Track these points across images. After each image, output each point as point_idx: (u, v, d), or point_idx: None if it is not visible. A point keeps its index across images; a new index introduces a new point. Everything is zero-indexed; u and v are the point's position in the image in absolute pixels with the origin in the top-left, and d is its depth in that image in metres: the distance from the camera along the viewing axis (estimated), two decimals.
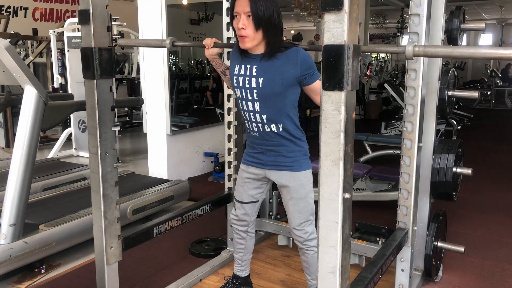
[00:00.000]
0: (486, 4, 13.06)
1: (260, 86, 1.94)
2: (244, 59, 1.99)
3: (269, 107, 1.97)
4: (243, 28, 1.86)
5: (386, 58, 16.76)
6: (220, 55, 2.24)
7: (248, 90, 1.98)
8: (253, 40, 1.89)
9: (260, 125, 2.02)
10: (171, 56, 9.64)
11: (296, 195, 2.06)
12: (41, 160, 4.96)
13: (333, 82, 1.10)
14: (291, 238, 2.98)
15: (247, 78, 1.97)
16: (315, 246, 2.10)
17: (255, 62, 1.95)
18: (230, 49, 2.33)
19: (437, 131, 2.51)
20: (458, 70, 11.80)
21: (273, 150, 2.05)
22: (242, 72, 1.99)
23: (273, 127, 2.00)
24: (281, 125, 1.99)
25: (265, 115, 1.99)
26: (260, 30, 1.87)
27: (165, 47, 2.12)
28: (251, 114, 2.02)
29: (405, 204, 2.16)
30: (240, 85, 2.00)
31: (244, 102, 2.02)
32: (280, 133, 2.00)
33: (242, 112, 2.08)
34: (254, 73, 1.96)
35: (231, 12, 1.93)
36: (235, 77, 2.03)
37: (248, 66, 1.97)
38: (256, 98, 1.97)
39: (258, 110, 1.99)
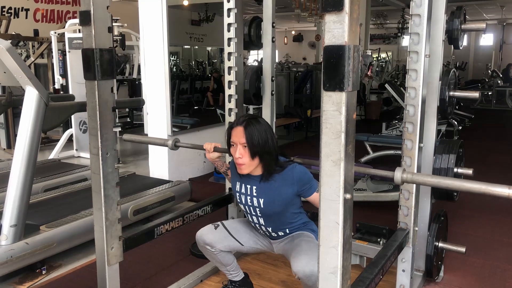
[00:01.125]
0: (487, 4, 13.04)
1: (262, 206, 2.06)
2: (243, 178, 2.10)
3: (273, 222, 2.12)
4: (240, 157, 1.95)
5: (387, 58, 16.75)
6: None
7: (251, 208, 2.11)
8: (249, 167, 1.99)
9: (267, 233, 2.19)
10: (172, 57, 9.65)
11: (299, 239, 2.09)
12: (42, 161, 4.96)
13: (333, 83, 1.10)
14: None
15: (248, 197, 2.09)
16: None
17: (254, 183, 2.06)
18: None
19: (438, 131, 2.51)
20: (459, 70, 11.78)
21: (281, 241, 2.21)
22: (243, 191, 2.11)
23: (280, 233, 2.16)
24: (287, 229, 2.14)
25: (270, 228, 2.14)
26: (256, 158, 1.96)
27: (167, 146, 2.21)
28: (257, 225, 2.18)
29: (406, 204, 2.16)
30: (243, 202, 2.13)
31: (249, 215, 2.16)
32: (287, 234, 2.16)
33: (248, 220, 2.21)
34: (254, 194, 2.07)
35: (228, 140, 2.04)
36: (237, 194, 2.16)
37: (248, 186, 2.08)
38: (259, 214, 2.10)
39: (263, 223, 2.14)
